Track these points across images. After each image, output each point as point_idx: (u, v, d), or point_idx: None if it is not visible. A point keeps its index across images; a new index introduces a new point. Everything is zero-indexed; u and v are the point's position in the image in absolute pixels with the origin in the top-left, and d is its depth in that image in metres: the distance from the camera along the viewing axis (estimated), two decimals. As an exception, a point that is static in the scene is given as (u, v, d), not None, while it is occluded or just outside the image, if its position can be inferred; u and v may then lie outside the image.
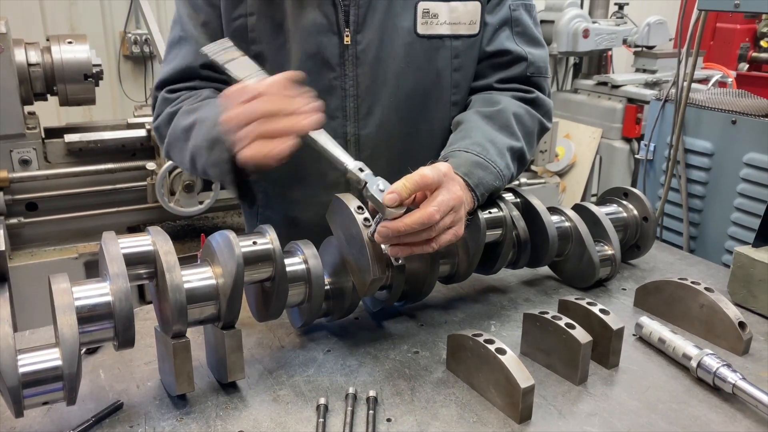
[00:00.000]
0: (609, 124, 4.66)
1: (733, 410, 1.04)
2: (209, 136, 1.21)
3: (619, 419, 1.01)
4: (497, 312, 1.34)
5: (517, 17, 1.46)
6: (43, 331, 1.24)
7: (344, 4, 1.34)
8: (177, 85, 1.41)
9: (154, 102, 1.45)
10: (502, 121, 1.38)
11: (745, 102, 2.42)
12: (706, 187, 2.45)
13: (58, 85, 2.93)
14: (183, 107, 1.35)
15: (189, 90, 1.40)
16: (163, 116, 1.39)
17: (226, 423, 0.99)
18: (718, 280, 1.48)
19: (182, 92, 1.40)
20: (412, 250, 1.09)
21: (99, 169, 3.08)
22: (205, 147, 1.22)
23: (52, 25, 4.25)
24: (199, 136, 1.25)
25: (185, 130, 1.29)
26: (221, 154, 1.18)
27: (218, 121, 1.17)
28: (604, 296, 1.42)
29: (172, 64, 1.41)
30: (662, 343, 1.18)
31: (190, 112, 1.31)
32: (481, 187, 1.24)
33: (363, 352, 1.19)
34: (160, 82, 1.44)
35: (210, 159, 1.22)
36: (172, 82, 1.41)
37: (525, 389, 0.98)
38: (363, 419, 0.99)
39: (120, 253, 0.97)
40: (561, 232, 1.39)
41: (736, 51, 5.21)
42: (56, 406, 1.00)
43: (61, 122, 3.89)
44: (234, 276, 1.01)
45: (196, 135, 1.26)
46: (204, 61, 1.37)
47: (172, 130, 1.35)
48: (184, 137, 1.30)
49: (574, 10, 4.67)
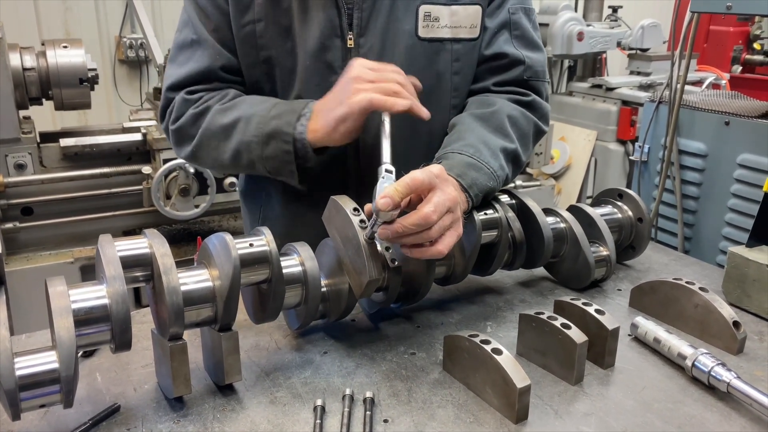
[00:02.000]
0: (604, 127, 4.68)
1: (728, 409, 1.04)
2: (264, 131, 1.29)
3: (615, 419, 1.01)
4: (493, 313, 1.35)
5: (516, 21, 1.47)
6: (40, 335, 1.24)
7: (348, 7, 1.35)
8: (196, 87, 1.41)
9: (167, 103, 1.45)
10: (496, 122, 1.38)
11: (739, 103, 2.43)
12: (700, 188, 2.47)
13: (54, 90, 2.93)
14: (214, 107, 1.37)
15: (209, 91, 1.41)
16: (187, 117, 1.40)
17: (224, 425, 1.00)
18: (713, 280, 1.49)
19: (203, 93, 1.41)
20: (421, 254, 1.10)
21: (94, 173, 3.08)
22: (258, 142, 1.30)
23: (47, 30, 4.25)
24: (248, 132, 1.31)
25: (225, 128, 1.34)
26: (281, 146, 1.28)
27: (273, 116, 1.29)
28: (599, 297, 1.43)
29: (188, 67, 1.41)
30: (657, 342, 1.18)
31: (225, 110, 1.36)
32: (474, 187, 1.24)
33: (360, 353, 1.19)
34: (174, 84, 1.43)
35: (265, 152, 1.30)
36: (190, 83, 1.42)
37: (521, 389, 0.98)
38: (360, 420, 0.99)
39: (116, 256, 0.97)
40: (556, 234, 1.40)
41: (730, 53, 5.24)
42: (53, 409, 0.99)
43: (56, 127, 3.89)
44: (230, 278, 1.01)
45: (241, 131, 1.32)
46: (222, 63, 1.40)
47: (206, 129, 1.37)
48: (223, 135, 1.35)
49: (568, 13, 4.69)
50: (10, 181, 2.88)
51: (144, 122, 3.33)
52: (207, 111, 1.38)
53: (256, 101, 1.36)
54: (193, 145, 1.41)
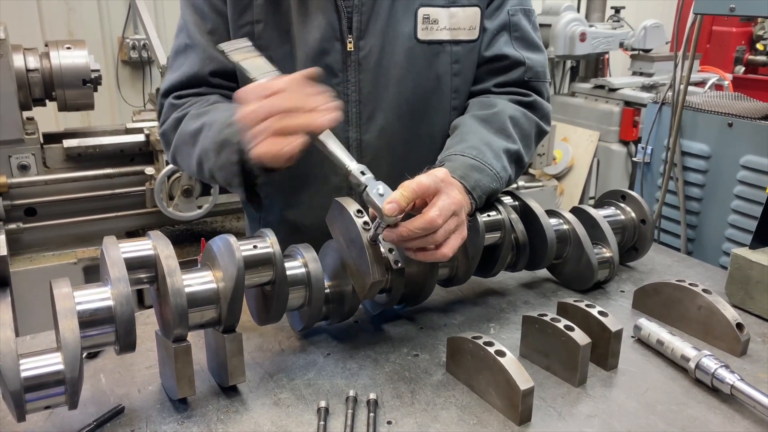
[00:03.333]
0: (606, 127, 4.68)
1: (731, 411, 1.04)
2: (217, 139, 1.22)
3: (618, 420, 1.01)
4: (496, 314, 1.35)
5: (516, 22, 1.47)
6: (44, 336, 1.24)
7: (347, 10, 1.35)
8: (184, 92, 1.41)
9: (161, 109, 1.45)
10: (498, 123, 1.38)
11: (742, 105, 2.43)
12: (703, 190, 2.46)
13: (57, 91, 2.93)
14: (190, 112, 1.35)
15: (196, 96, 1.41)
16: (170, 121, 1.39)
17: (227, 426, 1.00)
18: (716, 281, 1.49)
19: (189, 98, 1.41)
20: (426, 257, 1.10)
21: (98, 174, 3.08)
22: (213, 150, 1.23)
23: (50, 31, 4.25)
24: (207, 139, 1.25)
25: (193, 135, 1.30)
26: (229, 156, 1.19)
27: (227, 123, 1.19)
28: (602, 298, 1.43)
29: (179, 72, 1.41)
30: (661, 344, 1.18)
31: (197, 116, 1.32)
32: (478, 189, 1.25)
33: (363, 355, 1.19)
34: (166, 90, 1.43)
35: (218, 162, 1.22)
36: (179, 88, 1.41)
37: (525, 391, 0.98)
38: (363, 422, 1.00)
39: (121, 258, 0.98)
40: (559, 235, 1.40)
41: (732, 54, 5.24)
42: (58, 410, 1.00)
43: (59, 127, 3.89)
44: (235, 280, 1.01)
45: (203, 138, 1.26)
46: (212, 68, 1.39)
47: (179, 134, 1.35)
48: (191, 141, 1.30)
49: (570, 13, 4.69)
50: (14, 182, 2.89)
51: (147, 123, 3.33)
52: (185, 116, 1.36)
53: (224, 108, 1.30)
54: (171, 151, 1.41)
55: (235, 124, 1.17)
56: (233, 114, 1.18)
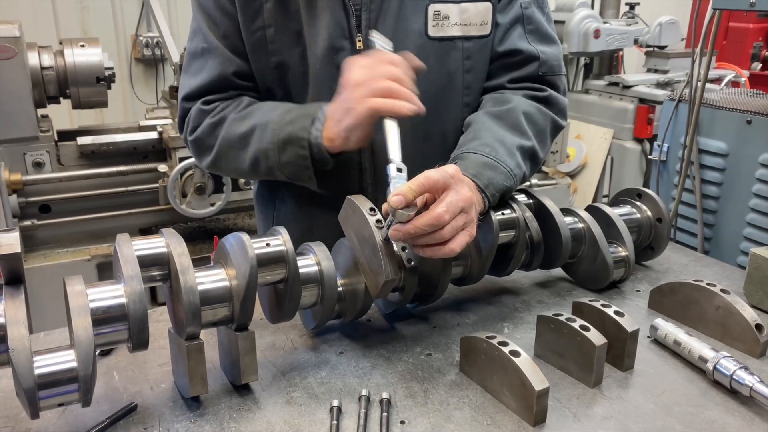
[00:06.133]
0: (620, 125, 4.63)
1: (750, 414, 1.02)
2: (278, 137, 1.29)
3: (634, 422, 1.00)
4: (510, 314, 1.34)
5: (529, 15, 1.45)
6: (58, 333, 1.25)
7: (356, 9, 1.34)
8: (211, 96, 1.41)
9: (184, 114, 1.44)
10: (512, 120, 1.37)
11: (760, 102, 2.40)
12: (720, 188, 2.43)
13: (71, 88, 2.96)
14: (230, 116, 1.37)
15: (223, 100, 1.41)
16: (204, 128, 1.40)
17: (240, 425, 0.99)
18: (734, 281, 1.46)
19: (218, 103, 1.41)
20: (433, 252, 1.09)
21: (111, 171, 3.11)
22: (274, 149, 1.30)
23: (64, 29, 4.29)
24: (264, 139, 1.32)
25: (242, 137, 1.34)
26: (297, 151, 1.28)
27: (287, 121, 1.29)
28: (618, 298, 1.41)
29: (202, 76, 1.41)
30: (678, 345, 1.16)
31: (241, 119, 1.36)
32: (491, 187, 1.23)
33: (376, 354, 1.18)
34: (189, 95, 1.43)
35: (283, 158, 1.30)
36: (205, 93, 1.41)
37: (539, 392, 0.97)
38: (376, 421, 0.99)
39: (134, 255, 0.97)
40: (574, 234, 1.38)
41: (749, 50, 5.16)
42: (71, 407, 1.00)
43: (73, 125, 3.92)
44: (247, 278, 1.01)
45: (258, 140, 1.32)
46: (236, 69, 1.40)
47: (224, 139, 1.37)
48: (240, 144, 1.35)
49: (584, 10, 4.64)
50: (29, 179, 2.91)
51: (160, 120, 3.35)
52: (223, 120, 1.37)
53: (270, 108, 1.36)
54: (213, 156, 1.41)
55: (298, 121, 1.28)
56: (288, 111, 1.31)
